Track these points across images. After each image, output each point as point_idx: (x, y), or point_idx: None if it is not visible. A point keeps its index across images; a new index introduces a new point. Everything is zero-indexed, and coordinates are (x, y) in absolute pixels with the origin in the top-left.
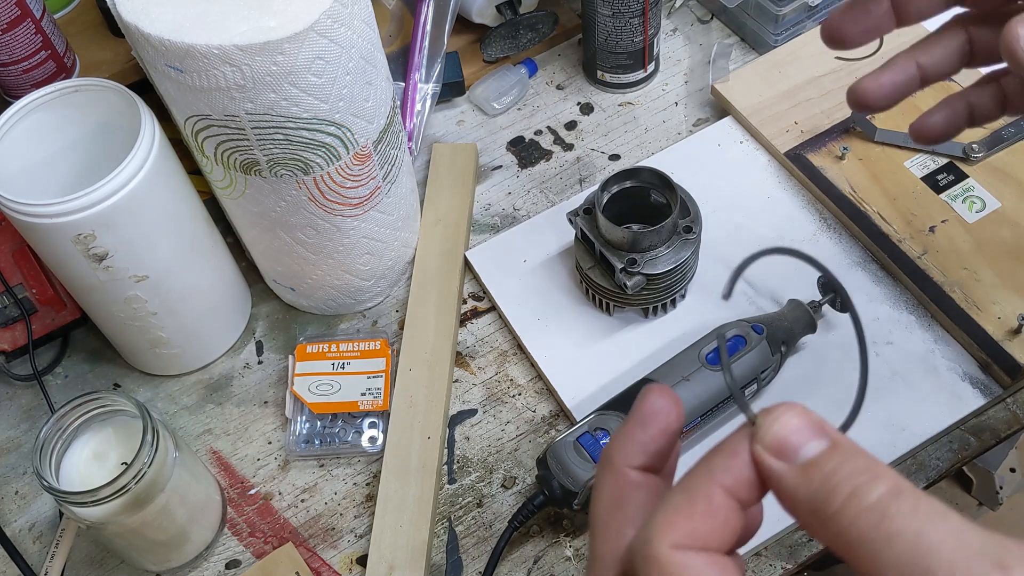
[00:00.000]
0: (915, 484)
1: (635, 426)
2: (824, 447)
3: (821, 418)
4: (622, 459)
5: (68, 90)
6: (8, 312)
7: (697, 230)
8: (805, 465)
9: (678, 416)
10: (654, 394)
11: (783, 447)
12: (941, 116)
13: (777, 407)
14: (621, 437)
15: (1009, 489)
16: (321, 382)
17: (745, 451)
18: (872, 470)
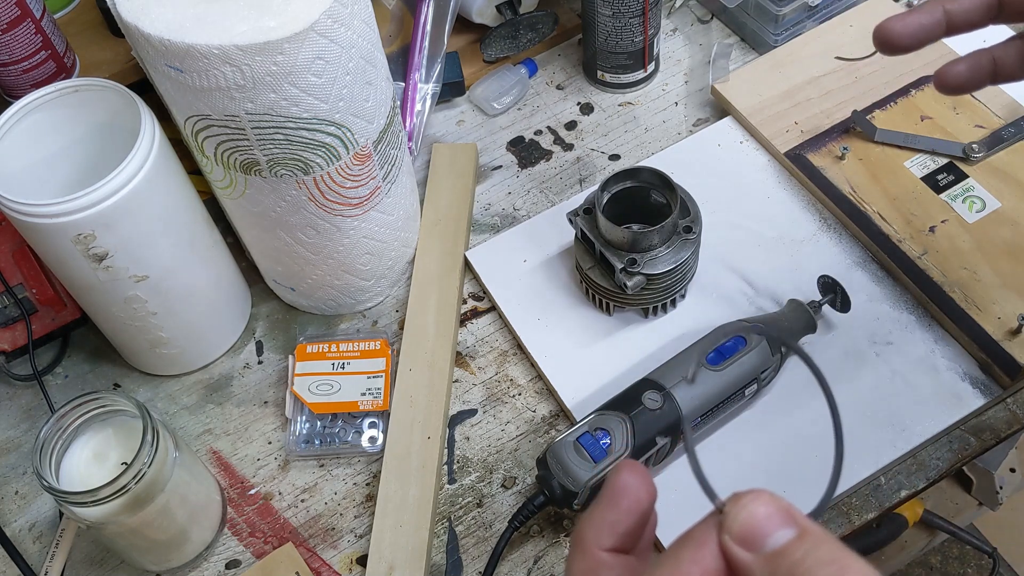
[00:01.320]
0: (915, 484)
1: (605, 506)
2: (791, 536)
3: (789, 505)
4: (593, 540)
5: (68, 90)
6: (8, 312)
7: (697, 230)
8: (772, 555)
9: (648, 493)
10: (624, 471)
11: (750, 537)
12: (965, 66)
13: (745, 495)
14: (591, 517)
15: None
16: (321, 382)
17: (713, 541)
18: (839, 561)
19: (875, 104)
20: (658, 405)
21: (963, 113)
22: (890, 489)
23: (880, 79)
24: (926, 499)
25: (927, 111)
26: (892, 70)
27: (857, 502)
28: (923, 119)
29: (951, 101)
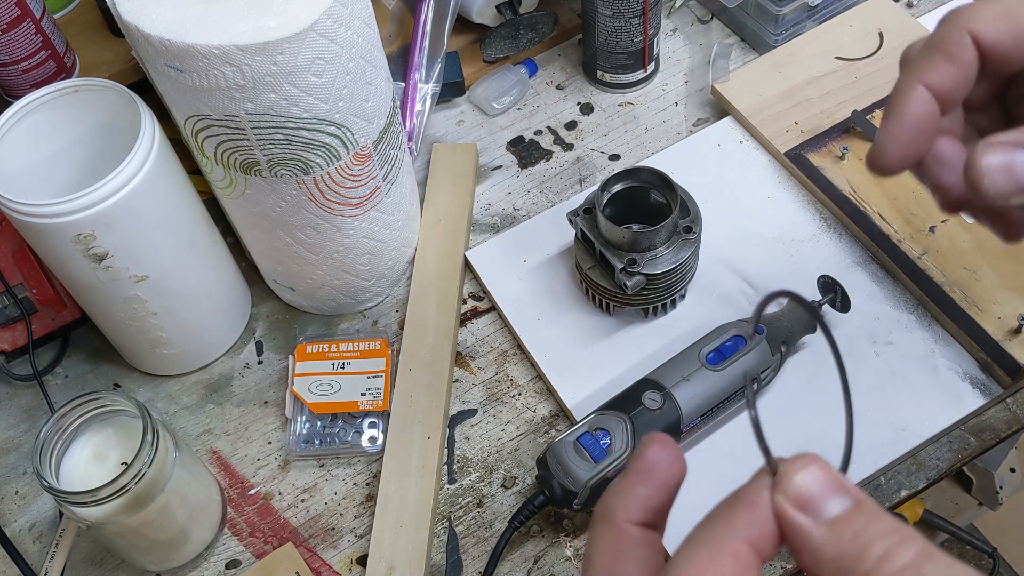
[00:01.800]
0: (915, 485)
1: (636, 479)
2: (849, 505)
3: (840, 474)
4: (623, 513)
5: (68, 90)
6: (8, 312)
7: (697, 230)
8: (833, 522)
9: (681, 468)
10: (656, 445)
11: (808, 501)
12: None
13: (799, 458)
14: (620, 490)
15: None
16: (321, 382)
17: (766, 503)
18: (900, 532)
19: (875, 104)
20: (658, 405)
21: None
22: (890, 489)
23: (880, 79)
24: (926, 499)
25: None
26: (892, 70)
27: None
28: None
29: None
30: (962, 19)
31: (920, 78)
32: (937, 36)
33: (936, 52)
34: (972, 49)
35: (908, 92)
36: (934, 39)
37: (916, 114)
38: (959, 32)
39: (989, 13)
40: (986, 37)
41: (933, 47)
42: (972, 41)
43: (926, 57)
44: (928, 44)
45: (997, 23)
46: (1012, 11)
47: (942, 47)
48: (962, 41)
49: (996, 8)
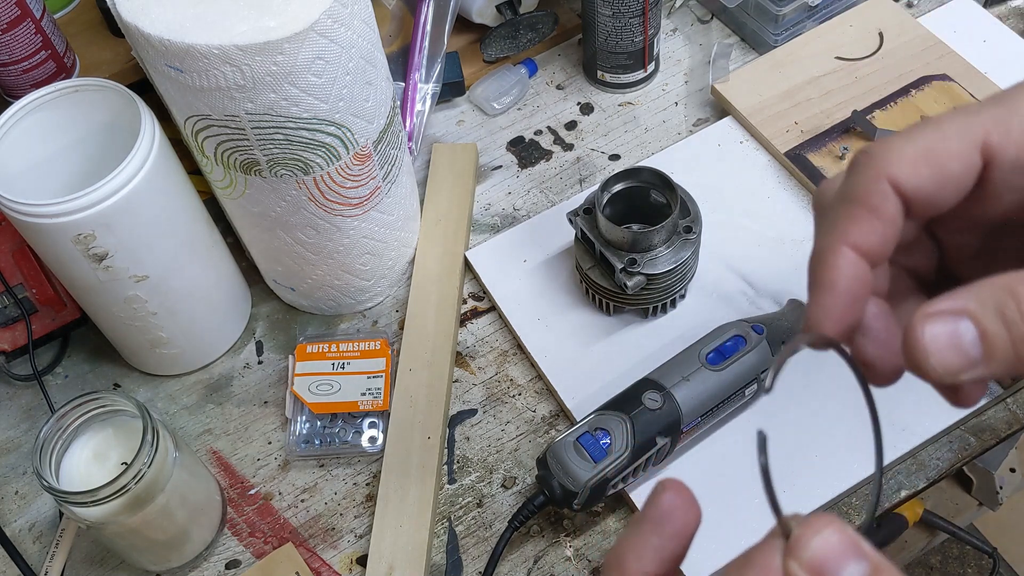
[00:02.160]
0: (915, 485)
1: (649, 529)
2: (865, 570)
3: (856, 534)
4: (636, 563)
5: (68, 90)
6: (8, 312)
7: (697, 230)
8: None
9: (696, 517)
10: (671, 492)
11: (823, 568)
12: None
13: (815, 520)
14: (633, 540)
15: (1009, 489)
16: (321, 382)
17: (776, 568)
18: None
19: (875, 104)
20: (658, 405)
21: None
22: (890, 489)
23: (880, 79)
24: (926, 499)
25: (927, 111)
26: (892, 70)
27: (857, 502)
28: (923, 119)
29: (951, 101)
30: (879, 164)
31: (843, 239)
32: (854, 186)
33: (856, 206)
34: (895, 199)
35: (833, 258)
36: (851, 190)
37: (846, 281)
38: (877, 181)
39: (908, 155)
40: (907, 183)
41: (852, 200)
42: (893, 189)
43: (846, 213)
44: (845, 196)
45: (918, 166)
46: (932, 149)
47: (862, 200)
48: (882, 191)
49: (914, 147)
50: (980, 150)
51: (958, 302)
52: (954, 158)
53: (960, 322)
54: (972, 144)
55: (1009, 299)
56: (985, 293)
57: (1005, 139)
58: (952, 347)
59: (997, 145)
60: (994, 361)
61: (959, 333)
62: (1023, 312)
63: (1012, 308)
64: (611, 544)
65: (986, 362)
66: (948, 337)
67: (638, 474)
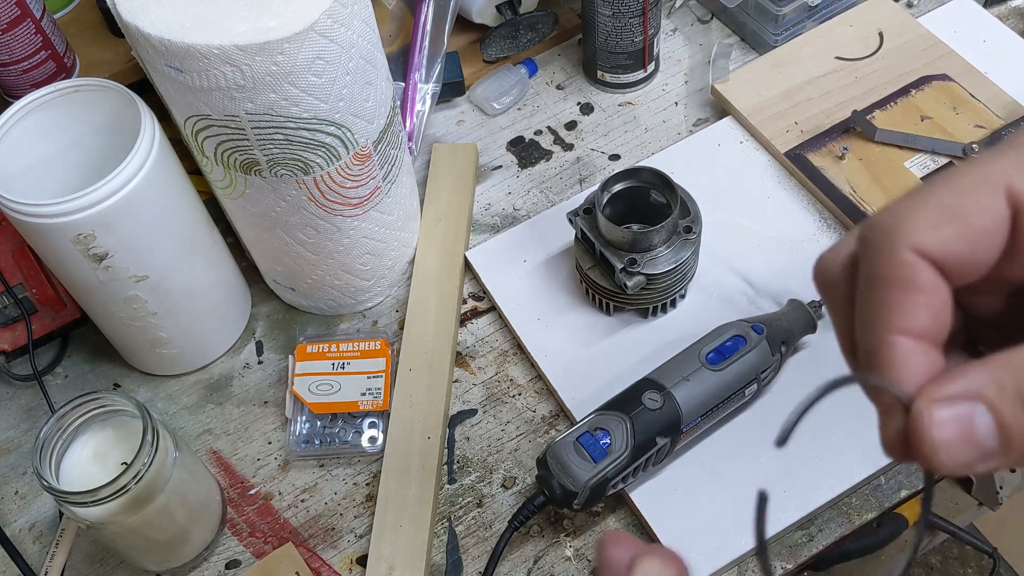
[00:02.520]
0: (915, 485)
1: None
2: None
3: None
4: None
5: (68, 90)
6: (8, 312)
7: (697, 230)
8: None
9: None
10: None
11: None
12: None
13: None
14: None
15: (1009, 489)
16: (321, 382)
17: None
18: None
19: (875, 104)
20: (658, 405)
21: (963, 113)
22: (890, 489)
23: (880, 79)
24: None
25: (927, 111)
26: (892, 70)
27: (857, 502)
28: (923, 119)
29: (951, 101)
30: (895, 235)
31: (889, 329)
32: (876, 266)
33: (889, 289)
34: (929, 269)
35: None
36: (875, 271)
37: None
38: (901, 253)
39: (926, 217)
40: (935, 248)
41: (882, 283)
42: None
43: (880, 300)
44: (871, 281)
45: (940, 228)
46: (952, 206)
47: (893, 280)
48: (912, 263)
49: (930, 208)
50: (1007, 198)
51: (971, 383)
52: (980, 211)
53: (974, 408)
54: (996, 192)
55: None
56: (1003, 372)
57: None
58: (964, 439)
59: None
60: (1012, 452)
61: (972, 421)
62: None
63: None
64: None
65: (1004, 454)
66: (959, 427)
67: (638, 474)
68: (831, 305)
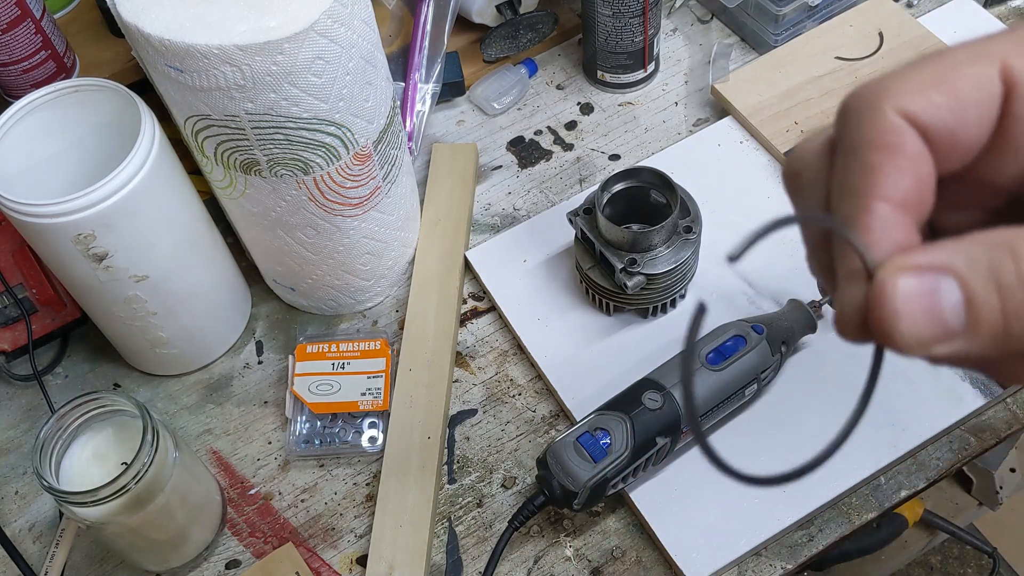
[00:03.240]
0: (915, 485)
1: None
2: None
3: None
4: None
5: (68, 90)
6: (8, 312)
7: (697, 230)
8: None
9: None
10: None
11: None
12: None
13: None
14: None
15: (1009, 489)
16: (321, 382)
17: None
18: None
19: None
20: (658, 405)
21: None
22: (890, 489)
23: None
24: (926, 499)
25: None
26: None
27: (857, 502)
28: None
29: None
30: (882, 98)
31: (872, 194)
32: (859, 131)
33: (872, 152)
34: (915, 135)
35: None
36: (857, 136)
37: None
38: (888, 115)
39: (916, 82)
40: (922, 113)
41: (866, 146)
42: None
43: (862, 166)
44: (852, 147)
45: (929, 93)
46: (943, 75)
47: (877, 143)
48: (898, 126)
49: (921, 74)
50: (1000, 72)
51: (941, 255)
52: (971, 81)
53: (942, 280)
54: (989, 66)
55: (1007, 258)
56: (977, 249)
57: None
58: (928, 311)
59: (1019, 68)
60: (978, 335)
61: (939, 294)
62: (1022, 276)
63: (1009, 270)
64: (611, 544)
65: (969, 335)
66: (925, 299)
67: (638, 474)
68: (801, 200)
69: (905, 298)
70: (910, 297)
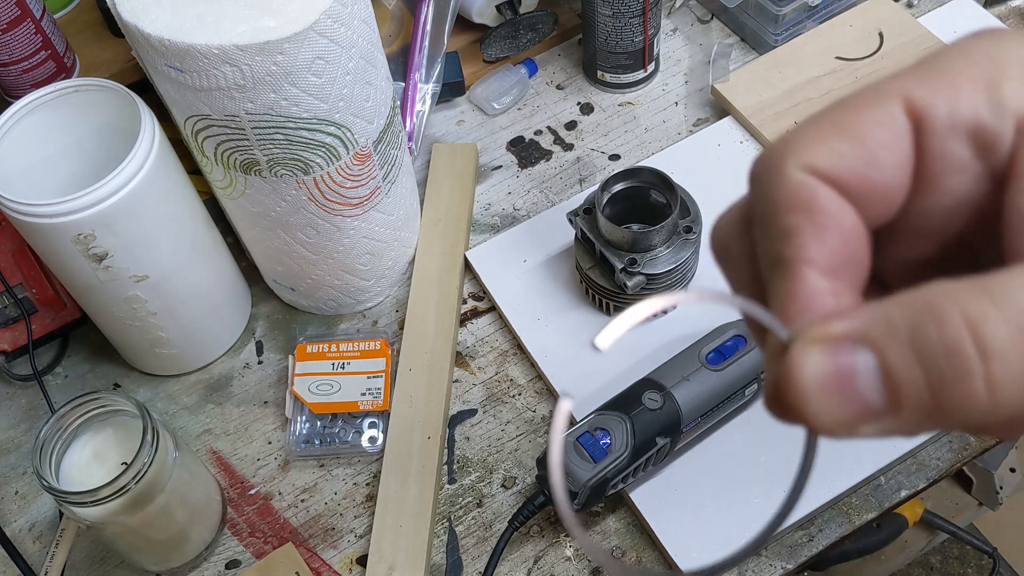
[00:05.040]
0: (915, 485)
1: None
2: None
3: None
4: None
5: (68, 90)
6: (8, 312)
7: (697, 230)
8: None
9: None
10: None
11: None
12: None
13: None
14: None
15: (1009, 489)
16: (321, 382)
17: None
18: None
19: None
20: (658, 405)
21: None
22: (890, 489)
23: None
24: (926, 499)
25: None
26: (892, 70)
27: (857, 502)
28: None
29: None
30: (787, 157)
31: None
32: (768, 196)
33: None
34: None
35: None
36: (771, 202)
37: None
38: (795, 173)
39: (816, 135)
40: (827, 163)
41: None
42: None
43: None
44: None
45: (830, 142)
46: (843, 121)
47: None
48: (806, 184)
49: (821, 127)
50: (904, 108)
51: (855, 323)
52: (873, 124)
53: (857, 353)
54: (891, 104)
55: (929, 322)
56: (895, 312)
57: (932, 92)
58: (839, 390)
59: (924, 100)
60: (904, 413)
61: (854, 369)
62: (947, 343)
63: (932, 335)
64: (611, 544)
65: (892, 413)
66: (836, 375)
67: (638, 474)
68: (730, 272)
69: (814, 375)
70: (820, 374)
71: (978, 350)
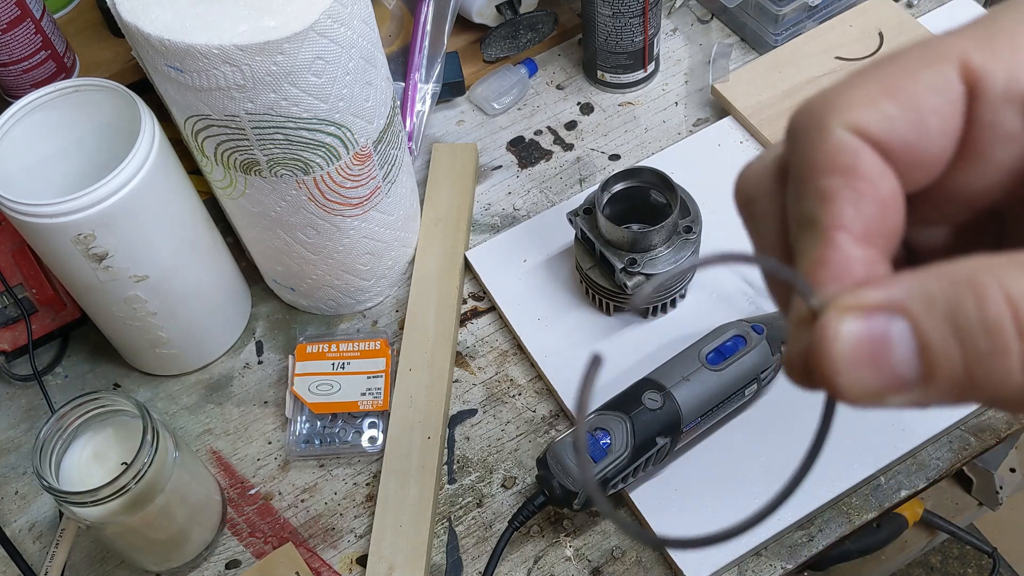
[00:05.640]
0: (915, 484)
1: None
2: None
3: None
4: None
5: (68, 90)
6: (8, 312)
7: (697, 230)
8: None
9: None
10: None
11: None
12: None
13: None
14: None
15: (1009, 489)
16: (321, 382)
17: None
18: None
19: None
20: (658, 405)
21: None
22: (890, 489)
23: None
24: (926, 499)
25: None
26: None
27: (857, 502)
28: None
29: None
30: (832, 115)
31: (832, 226)
32: (808, 153)
33: (828, 177)
34: (871, 153)
35: (826, 251)
36: (810, 161)
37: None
38: (839, 133)
39: (864, 94)
40: (875, 127)
41: (817, 172)
42: (863, 140)
43: (816, 193)
44: (804, 176)
45: (880, 104)
46: (894, 83)
47: (832, 166)
48: (850, 145)
49: (868, 85)
50: (960, 72)
51: (894, 291)
52: (927, 87)
53: (892, 323)
54: (947, 67)
55: (969, 297)
56: (935, 285)
57: (991, 58)
58: (875, 360)
59: (981, 66)
60: (935, 386)
61: (888, 339)
62: (987, 319)
63: (971, 311)
64: (611, 544)
65: (924, 385)
66: (870, 344)
67: (638, 474)
68: (755, 227)
69: (847, 345)
70: (853, 343)
71: (1017, 328)
